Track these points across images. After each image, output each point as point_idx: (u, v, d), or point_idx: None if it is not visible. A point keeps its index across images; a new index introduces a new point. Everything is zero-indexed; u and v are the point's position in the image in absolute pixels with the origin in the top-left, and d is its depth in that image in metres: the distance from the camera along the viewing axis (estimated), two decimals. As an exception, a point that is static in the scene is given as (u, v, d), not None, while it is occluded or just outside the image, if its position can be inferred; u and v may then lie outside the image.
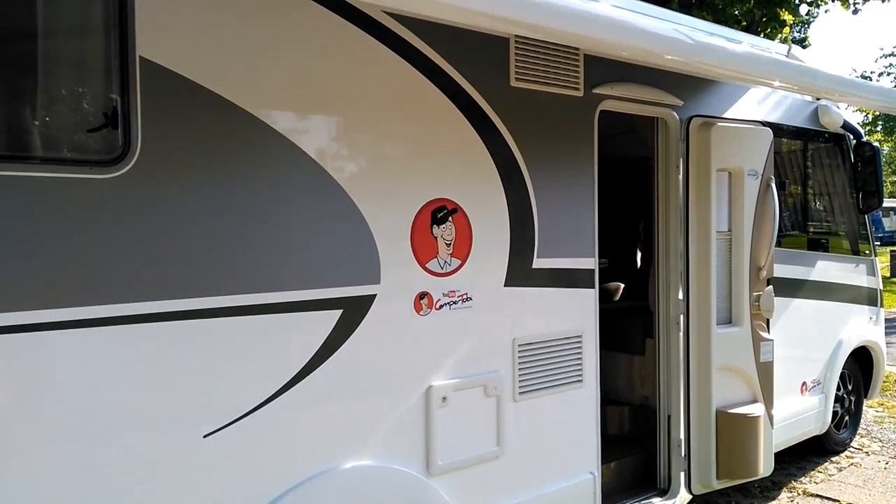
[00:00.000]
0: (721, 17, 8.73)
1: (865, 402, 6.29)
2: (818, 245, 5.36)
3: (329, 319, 2.68)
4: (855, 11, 11.32)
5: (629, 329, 4.65)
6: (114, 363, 2.22)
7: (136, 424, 2.26)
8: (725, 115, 4.32)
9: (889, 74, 28.81)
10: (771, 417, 4.28)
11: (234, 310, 2.44)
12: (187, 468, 2.36)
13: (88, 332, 2.16)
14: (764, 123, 4.45)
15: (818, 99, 5.23)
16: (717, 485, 4.13)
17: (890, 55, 24.62)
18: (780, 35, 9.99)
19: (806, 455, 5.55)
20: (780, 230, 4.40)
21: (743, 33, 5.36)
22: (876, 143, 5.48)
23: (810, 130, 5.24)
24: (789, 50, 4.96)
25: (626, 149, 5.08)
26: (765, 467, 4.20)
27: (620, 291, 5.49)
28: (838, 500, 4.85)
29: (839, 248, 5.57)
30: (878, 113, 23.84)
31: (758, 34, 8.99)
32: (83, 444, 2.17)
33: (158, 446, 2.30)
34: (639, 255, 5.62)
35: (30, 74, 2.15)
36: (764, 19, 9.35)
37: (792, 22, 10.09)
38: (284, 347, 2.58)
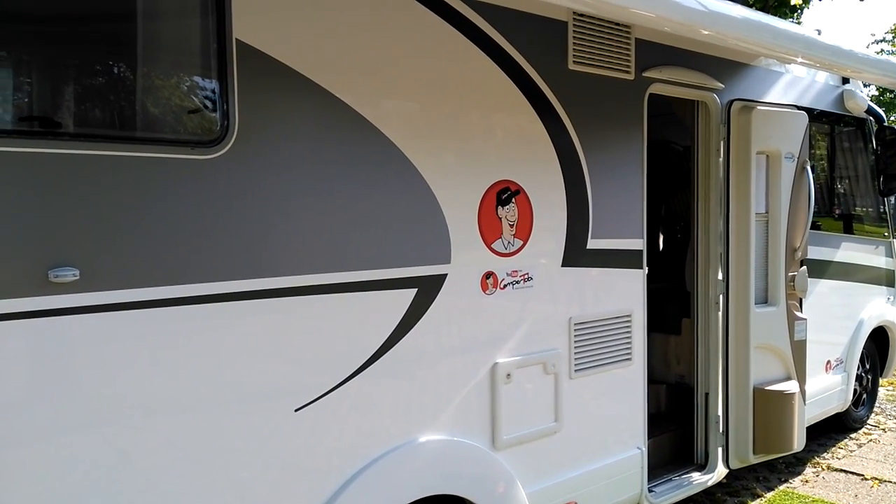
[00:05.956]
0: (734, 2, 8.76)
1: (880, 381, 6.44)
2: (842, 227, 5.47)
3: (406, 298, 2.75)
4: (862, -2, 11.37)
5: (664, 309, 4.74)
6: (218, 338, 2.28)
7: (235, 398, 2.32)
8: (762, 99, 4.40)
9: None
10: (804, 394, 4.40)
11: (324, 287, 2.50)
12: (279, 440, 2.42)
13: (187, 309, 2.21)
14: (797, 107, 4.53)
15: (844, 83, 5.32)
16: (754, 459, 4.25)
17: (881, 41, 24.73)
18: (789, 20, 10.09)
19: (826, 432, 5.69)
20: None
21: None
22: (898, 128, 5.57)
23: (836, 114, 5.33)
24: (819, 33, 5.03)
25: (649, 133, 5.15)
26: (798, 442, 4.32)
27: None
28: (862, 475, 4.99)
29: (860, 230, 5.69)
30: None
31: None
32: (184, 416, 2.23)
33: (254, 419, 2.37)
34: (661, 237, 5.71)
35: (131, 57, 2.18)
36: (775, 5, 9.45)
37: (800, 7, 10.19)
38: (366, 324, 2.64)
